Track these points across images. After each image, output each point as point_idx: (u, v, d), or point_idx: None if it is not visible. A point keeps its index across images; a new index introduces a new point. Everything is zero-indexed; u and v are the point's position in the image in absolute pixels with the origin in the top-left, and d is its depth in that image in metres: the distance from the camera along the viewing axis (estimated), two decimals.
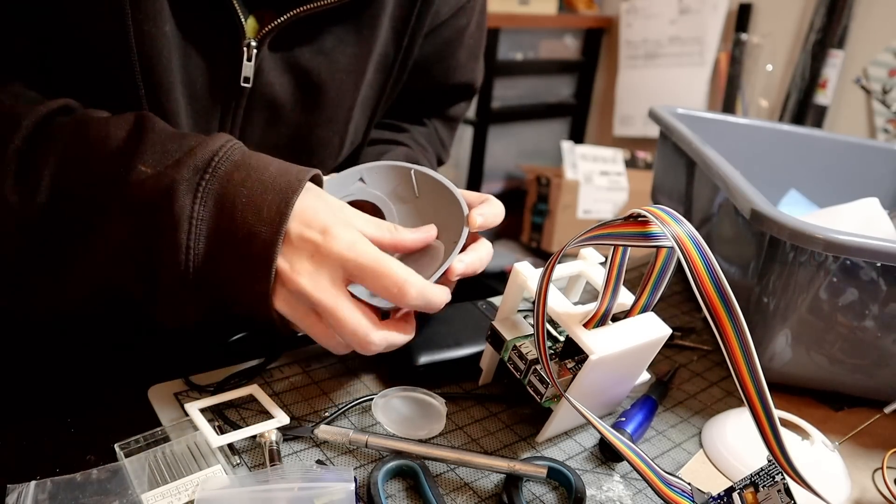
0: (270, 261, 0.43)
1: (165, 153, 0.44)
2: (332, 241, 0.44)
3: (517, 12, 2.29)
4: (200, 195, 0.43)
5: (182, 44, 0.52)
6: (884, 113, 1.92)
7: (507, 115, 2.45)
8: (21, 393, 0.61)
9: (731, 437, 0.53)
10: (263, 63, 0.55)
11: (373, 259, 0.44)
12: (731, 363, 0.41)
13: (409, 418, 0.51)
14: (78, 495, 0.41)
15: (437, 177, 0.54)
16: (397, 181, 0.55)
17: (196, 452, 0.46)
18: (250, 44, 0.53)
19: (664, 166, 0.87)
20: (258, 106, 0.57)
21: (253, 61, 0.54)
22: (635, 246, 0.45)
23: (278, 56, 0.56)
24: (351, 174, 0.56)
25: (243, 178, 0.44)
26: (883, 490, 0.52)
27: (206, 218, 0.43)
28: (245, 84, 0.55)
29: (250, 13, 0.54)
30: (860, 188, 0.82)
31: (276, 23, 0.53)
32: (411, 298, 0.45)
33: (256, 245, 0.43)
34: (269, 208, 0.44)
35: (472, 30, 0.72)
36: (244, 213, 0.43)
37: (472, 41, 0.73)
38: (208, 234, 0.43)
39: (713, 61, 2.26)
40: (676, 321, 0.73)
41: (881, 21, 1.91)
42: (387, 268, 0.44)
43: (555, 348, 0.52)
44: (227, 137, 0.46)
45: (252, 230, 0.43)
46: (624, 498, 0.47)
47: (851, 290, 0.54)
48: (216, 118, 0.56)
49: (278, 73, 0.56)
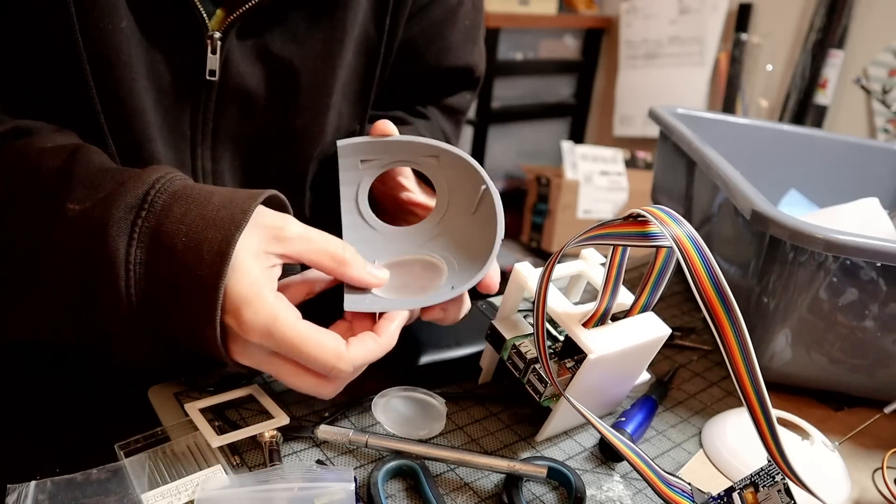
0: (214, 308, 0.40)
1: (95, 188, 0.42)
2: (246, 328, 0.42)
3: (517, 12, 2.29)
4: (136, 235, 0.41)
5: (142, 39, 0.50)
6: (884, 113, 1.93)
7: (507, 115, 2.45)
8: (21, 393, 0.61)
9: (731, 437, 0.53)
10: (231, 54, 0.53)
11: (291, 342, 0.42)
12: (730, 364, 0.41)
13: (409, 418, 0.51)
14: (78, 495, 0.41)
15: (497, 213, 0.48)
16: (463, 182, 0.51)
17: (196, 452, 0.46)
18: (213, 36, 0.51)
19: (664, 166, 0.87)
20: (230, 98, 0.55)
21: (218, 53, 0.52)
22: (635, 246, 0.45)
23: (248, 45, 0.54)
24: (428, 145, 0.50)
25: (183, 213, 0.42)
26: (883, 490, 0.52)
27: (143, 260, 0.41)
28: (211, 77, 0.53)
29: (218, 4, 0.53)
30: (860, 188, 0.82)
31: (240, 11, 0.51)
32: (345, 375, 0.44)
33: (198, 290, 0.41)
34: (210, 247, 0.41)
35: (466, 9, 0.69)
36: (184, 253, 0.41)
37: (468, 22, 0.70)
38: (147, 278, 0.41)
39: (713, 61, 2.26)
40: (676, 321, 0.73)
41: (881, 21, 1.91)
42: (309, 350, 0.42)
43: (554, 348, 0.52)
44: (166, 170, 0.44)
45: (192, 273, 0.40)
46: (624, 498, 0.47)
47: (851, 290, 0.54)
48: (186, 113, 0.55)
49: (248, 62, 0.55)
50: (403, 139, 0.50)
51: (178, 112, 0.55)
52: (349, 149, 0.50)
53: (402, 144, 0.50)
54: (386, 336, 0.45)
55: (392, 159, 0.51)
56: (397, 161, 0.51)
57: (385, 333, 0.45)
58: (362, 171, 0.51)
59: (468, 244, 0.50)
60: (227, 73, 0.54)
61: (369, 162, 0.51)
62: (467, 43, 0.71)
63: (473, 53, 0.73)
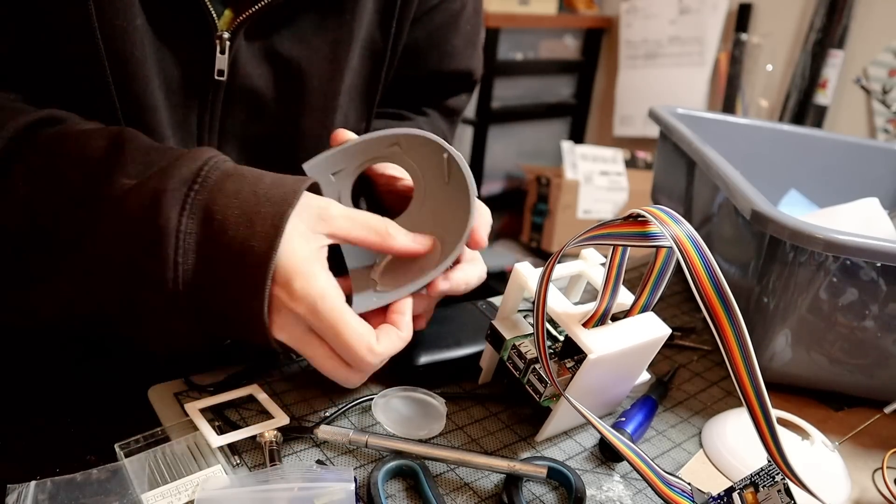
0: (265, 276, 0.41)
1: (148, 164, 0.43)
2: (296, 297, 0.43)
3: (517, 12, 2.29)
4: (188, 207, 0.41)
5: (155, 38, 0.51)
6: (884, 113, 1.92)
7: (507, 115, 2.45)
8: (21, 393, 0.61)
9: (731, 437, 0.53)
10: (240, 54, 0.54)
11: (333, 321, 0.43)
12: (730, 364, 0.41)
13: (409, 418, 0.51)
14: (78, 495, 0.41)
15: (466, 175, 0.50)
16: (429, 158, 0.52)
17: (196, 452, 0.46)
18: (223, 36, 0.52)
19: (664, 166, 0.87)
20: (237, 98, 0.56)
21: (227, 54, 0.53)
22: (635, 246, 0.45)
23: (256, 46, 0.55)
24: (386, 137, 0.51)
25: (236, 189, 0.43)
26: (883, 490, 0.52)
27: (195, 231, 0.41)
28: (219, 77, 0.54)
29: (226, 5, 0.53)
30: (860, 188, 0.82)
31: (249, 13, 0.52)
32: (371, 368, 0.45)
33: (250, 260, 0.41)
34: (264, 221, 0.42)
35: (468, 14, 0.70)
36: (236, 225, 0.41)
37: (469, 27, 0.71)
38: (197, 249, 0.41)
39: (713, 61, 2.26)
40: (676, 321, 0.73)
41: (881, 21, 1.91)
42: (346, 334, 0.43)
43: (554, 348, 0.52)
44: (216, 151, 0.45)
45: (245, 244, 0.41)
46: (624, 498, 0.47)
47: (851, 290, 0.54)
48: (194, 112, 0.55)
49: (256, 63, 0.55)
50: (359, 140, 0.51)
51: (187, 111, 0.55)
52: (316, 168, 0.51)
53: (360, 146, 0.51)
54: (405, 328, 0.48)
55: (358, 162, 0.52)
56: (365, 162, 0.52)
57: (403, 325, 0.48)
58: (336, 183, 0.52)
59: (452, 213, 0.51)
60: (235, 74, 0.55)
61: (339, 173, 0.52)
62: (468, 47, 0.73)
63: (473, 58, 0.75)
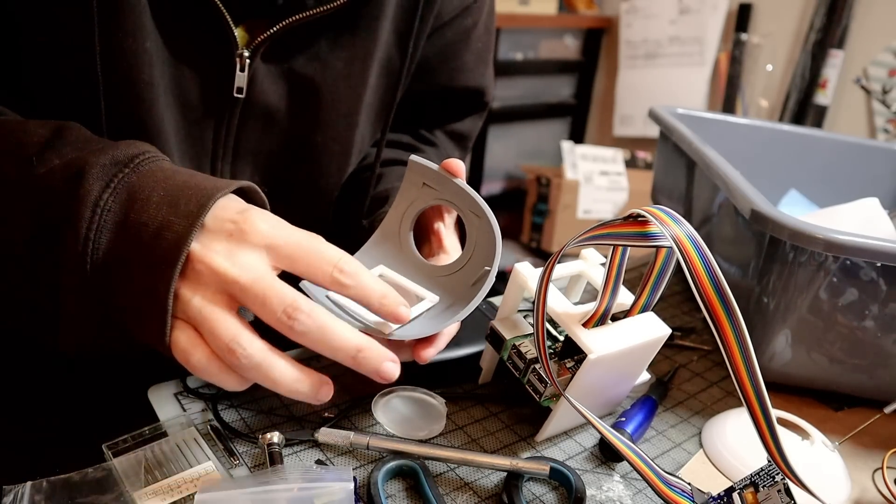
0: (179, 251, 0.38)
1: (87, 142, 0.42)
2: (252, 220, 0.40)
3: (517, 12, 2.29)
4: (114, 185, 0.39)
5: (171, 57, 0.51)
6: (884, 113, 1.93)
7: (507, 115, 2.45)
8: (21, 393, 0.61)
9: (731, 437, 0.53)
10: (257, 72, 0.54)
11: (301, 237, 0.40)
12: (730, 364, 0.41)
13: (410, 418, 0.51)
14: (74, 495, 0.41)
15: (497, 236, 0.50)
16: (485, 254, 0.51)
17: (186, 450, 0.46)
18: (243, 54, 0.52)
19: (664, 166, 0.87)
20: (252, 114, 0.56)
21: (246, 71, 0.53)
22: (635, 246, 0.45)
23: (272, 64, 0.55)
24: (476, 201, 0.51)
25: (166, 177, 0.40)
26: (883, 490, 0.52)
27: (115, 209, 0.39)
28: (238, 95, 0.54)
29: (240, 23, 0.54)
30: (860, 188, 0.82)
31: (269, 33, 0.52)
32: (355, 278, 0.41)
33: (167, 237, 0.38)
34: (188, 202, 0.39)
35: (479, 32, 0.70)
36: (159, 206, 0.39)
37: (480, 44, 0.71)
38: (114, 227, 0.39)
39: (713, 61, 2.26)
40: (676, 321, 0.73)
41: (881, 21, 1.91)
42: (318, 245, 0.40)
43: (554, 348, 0.52)
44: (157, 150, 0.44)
45: (165, 221, 0.38)
46: (624, 498, 0.47)
47: (851, 290, 0.54)
48: (210, 128, 0.56)
49: (272, 80, 0.56)
50: (465, 188, 0.51)
51: (202, 128, 0.56)
52: (419, 168, 0.52)
53: (460, 191, 0.51)
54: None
55: (447, 197, 0.52)
56: (450, 202, 0.53)
57: None
58: (420, 193, 0.53)
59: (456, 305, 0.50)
60: (252, 91, 0.55)
61: (429, 189, 0.53)
62: (479, 65, 0.73)
63: (485, 76, 0.75)
